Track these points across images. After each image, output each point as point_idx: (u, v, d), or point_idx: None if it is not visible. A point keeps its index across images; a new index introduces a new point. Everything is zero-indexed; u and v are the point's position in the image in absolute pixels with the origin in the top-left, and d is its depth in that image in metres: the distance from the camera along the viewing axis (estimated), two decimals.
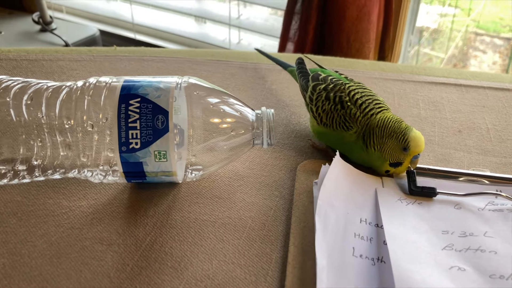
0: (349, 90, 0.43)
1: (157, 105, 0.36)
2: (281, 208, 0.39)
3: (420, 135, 0.40)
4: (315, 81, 0.46)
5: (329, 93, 0.44)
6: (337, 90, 0.43)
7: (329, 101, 0.43)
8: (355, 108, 0.42)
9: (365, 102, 0.42)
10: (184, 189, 0.40)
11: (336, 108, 0.42)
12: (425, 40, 1.81)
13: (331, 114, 0.43)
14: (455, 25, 1.83)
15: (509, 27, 1.81)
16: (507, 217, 0.37)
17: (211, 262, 0.33)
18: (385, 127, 0.40)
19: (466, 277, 0.32)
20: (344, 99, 0.43)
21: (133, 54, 0.64)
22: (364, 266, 0.32)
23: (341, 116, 0.42)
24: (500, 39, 1.80)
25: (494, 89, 0.59)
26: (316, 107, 0.44)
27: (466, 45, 1.81)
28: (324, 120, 0.43)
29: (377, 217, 0.37)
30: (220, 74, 0.60)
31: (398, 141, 0.39)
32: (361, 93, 0.43)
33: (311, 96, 0.45)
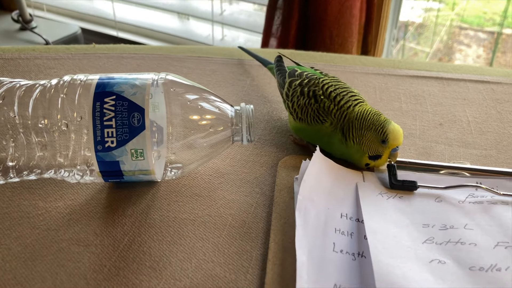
0: (323, 84, 0.43)
1: (133, 102, 0.36)
2: (262, 204, 0.38)
3: (399, 128, 0.40)
4: (291, 77, 0.46)
5: (303, 88, 0.44)
6: (311, 85, 0.43)
7: (304, 96, 0.43)
8: (329, 101, 0.42)
9: (340, 94, 0.42)
10: (163, 187, 0.40)
11: (310, 103, 0.42)
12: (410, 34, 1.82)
13: (305, 109, 0.43)
14: (439, 19, 1.85)
15: (492, 21, 1.83)
16: (487, 209, 0.37)
17: (191, 261, 0.33)
18: (364, 120, 0.40)
19: (446, 270, 0.31)
20: (317, 93, 0.42)
21: (112, 52, 0.63)
22: (345, 261, 0.32)
23: (314, 110, 0.42)
24: (484, 33, 1.82)
25: (475, 81, 0.59)
26: (292, 103, 0.44)
27: (451, 39, 1.82)
28: (300, 115, 0.43)
29: (357, 211, 0.37)
30: (201, 70, 0.59)
31: (377, 133, 0.39)
32: (335, 86, 0.43)
33: (287, 92, 0.45)
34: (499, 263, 0.32)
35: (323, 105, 0.42)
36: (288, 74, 0.47)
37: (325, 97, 0.42)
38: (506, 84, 0.58)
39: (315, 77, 0.44)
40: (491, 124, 0.50)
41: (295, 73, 0.46)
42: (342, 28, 0.93)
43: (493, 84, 0.58)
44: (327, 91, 0.42)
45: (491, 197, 0.38)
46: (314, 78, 0.44)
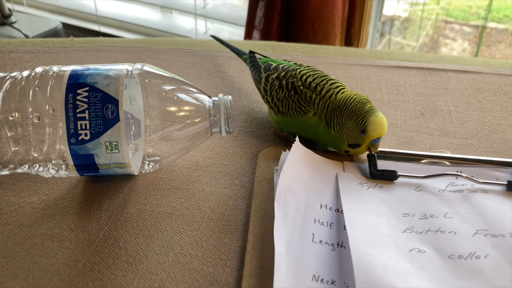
0: (301, 75, 0.42)
1: (107, 93, 0.35)
2: (241, 196, 0.38)
3: (381, 120, 0.39)
4: (267, 71, 0.45)
5: (281, 81, 0.43)
6: (289, 77, 0.43)
7: (283, 89, 0.43)
8: (310, 91, 0.41)
9: (320, 84, 0.41)
10: (141, 181, 0.39)
11: (290, 95, 0.42)
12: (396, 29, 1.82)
13: (286, 102, 0.42)
14: (425, 13, 1.86)
15: (477, 15, 1.84)
16: (467, 198, 0.37)
17: (168, 254, 0.32)
18: (346, 108, 0.39)
19: (425, 259, 0.31)
20: (296, 84, 0.42)
21: (90, 45, 0.62)
22: (324, 251, 0.32)
23: (295, 101, 0.41)
24: (469, 26, 1.83)
25: (456, 71, 0.59)
26: (271, 97, 0.44)
27: (437, 33, 1.83)
28: (281, 109, 0.43)
29: (337, 202, 0.36)
30: (181, 62, 0.59)
31: (357, 123, 0.39)
32: (313, 76, 0.42)
33: (265, 87, 0.45)
34: (478, 251, 0.32)
35: (304, 96, 0.41)
36: (263, 68, 0.46)
37: (305, 88, 0.41)
38: (487, 73, 0.58)
39: (291, 68, 0.44)
40: (472, 113, 0.50)
41: (270, 67, 0.45)
42: (325, 20, 0.92)
43: (474, 73, 0.58)
44: (306, 81, 0.42)
45: (471, 185, 0.38)
46: (290, 70, 0.44)
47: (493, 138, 0.46)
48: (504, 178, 0.39)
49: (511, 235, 0.33)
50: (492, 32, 1.78)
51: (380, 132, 0.39)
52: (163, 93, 0.36)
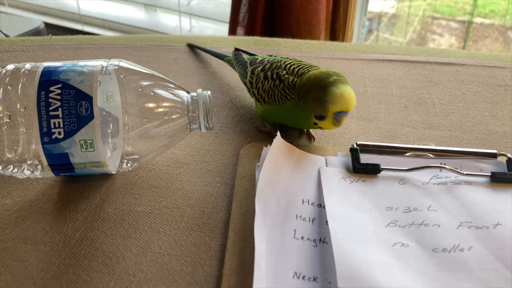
0: (285, 65, 0.42)
1: (80, 90, 0.34)
2: (222, 194, 0.37)
3: (343, 92, 0.36)
4: (253, 65, 0.45)
5: (266, 73, 0.43)
6: (274, 68, 0.43)
7: (268, 80, 0.42)
8: (292, 76, 0.41)
9: (303, 68, 0.41)
10: (119, 180, 0.38)
11: (276, 84, 0.41)
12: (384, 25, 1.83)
13: (271, 92, 0.42)
14: (412, 9, 1.86)
15: (463, 10, 1.85)
16: (451, 190, 0.36)
17: (145, 255, 0.31)
18: (313, 78, 0.39)
19: (409, 252, 0.31)
20: (281, 74, 0.42)
21: (69, 43, 0.61)
22: (305, 248, 0.31)
23: (281, 90, 0.41)
24: (455, 22, 1.84)
25: (440, 64, 0.58)
26: (257, 89, 0.43)
27: (424, 29, 1.84)
28: (267, 99, 0.42)
29: (319, 197, 0.35)
30: (162, 59, 0.57)
31: (318, 93, 0.37)
32: (298, 64, 0.42)
33: (251, 80, 0.44)
34: (462, 243, 0.31)
35: (287, 82, 0.41)
36: (249, 63, 0.46)
37: (288, 74, 0.41)
38: (470, 65, 0.58)
39: (276, 60, 0.44)
40: (456, 105, 0.50)
41: (256, 61, 0.45)
42: (309, 15, 0.91)
43: (458, 66, 0.58)
44: (290, 69, 0.42)
45: (455, 177, 0.38)
46: (276, 61, 0.43)
47: (477, 129, 0.46)
48: (488, 169, 0.39)
49: (495, 226, 0.33)
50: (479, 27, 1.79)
51: (341, 105, 0.36)
52: (139, 89, 0.35)
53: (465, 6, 1.88)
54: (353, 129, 0.45)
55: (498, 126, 0.47)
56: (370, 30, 1.79)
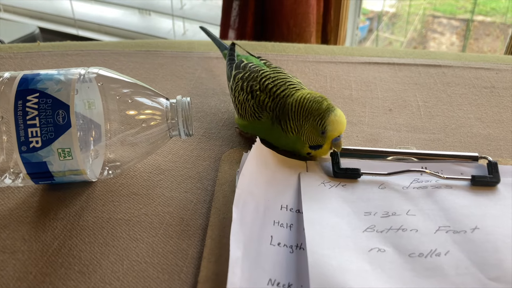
0: (261, 78, 0.41)
1: (57, 99, 0.34)
2: (202, 200, 0.37)
3: (340, 117, 0.37)
4: (236, 69, 0.44)
5: (243, 83, 0.42)
6: (251, 79, 0.42)
7: (243, 92, 0.42)
8: (264, 95, 0.40)
9: (276, 85, 0.40)
10: (100, 187, 0.38)
11: (247, 99, 0.41)
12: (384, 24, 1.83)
13: (244, 105, 0.41)
14: (412, 8, 1.86)
15: (464, 9, 1.85)
16: (431, 194, 0.36)
17: (122, 263, 0.31)
18: (302, 109, 0.38)
19: (385, 258, 0.31)
20: (254, 88, 0.41)
21: (56, 49, 0.61)
22: (282, 254, 0.31)
23: (251, 106, 0.41)
24: (456, 20, 1.84)
25: (427, 66, 0.58)
26: (235, 98, 0.43)
27: (425, 28, 1.83)
28: (240, 111, 0.42)
29: (298, 202, 0.35)
30: (149, 65, 0.58)
31: (316, 124, 0.37)
32: (273, 78, 0.41)
33: (231, 85, 0.44)
34: (439, 248, 0.31)
35: (258, 100, 0.40)
36: (235, 66, 0.45)
37: (261, 92, 0.41)
38: (457, 67, 0.58)
39: (256, 69, 0.43)
40: (441, 107, 0.50)
41: (240, 65, 0.45)
42: (299, 18, 0.91)
43: (445, 67, 0.58)
44: (264, 84, 0.41)
45: (436, 181, 0.38)
46: (255, 71, 0.43)
47: (460, 132, 0.46)
48: (469, 172, 0.39)
49: (472, 230, 0.33)
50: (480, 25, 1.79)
51: (340, 130, 0.38)
52: (117, 96, 0.35)
53: (466, 4, 1.87)
54: None
55: (482, 129, 0.46)
56: (371, 29, 1.79)
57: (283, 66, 0.58)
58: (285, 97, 0.40)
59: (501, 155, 0.43)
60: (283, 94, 0.40)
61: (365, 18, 1.79)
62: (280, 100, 0.40)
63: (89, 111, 0.35)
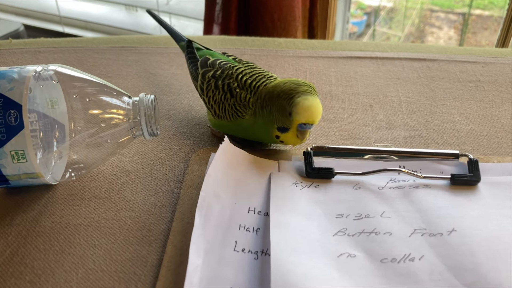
0: (237, 74, 0.39)
1: (9, 98, 0.32)
2: (167, 204, 0.35)
3: (311, 104, 0.34)
4: (204, 67, 0.41)
5: (217, 81, 0.39)
6: (225, 77, 0.39)
7: (219, 90, 0.39)
8: (245, 92, 0.38)
9: (256, 79, 0.38)
10: (61, 191, 0.36)
11: (226, 98, 0.39)
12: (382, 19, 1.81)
13: (222, 105, 0.39)
14: (410, 3, 1.84)
15: (462, 2, 1.83)
16: (407, 194, 0.35)
17: (77, 271, 0.30)
18: (278, 87, 0.36)
19: (355, 264, 0.29)
20: (232, 86, 0.39)
21: (29, 46, 0.59)
22: (245, 261, 0.29)
23: (232, 105, 0.38)
24: (454, 14, 1.82)
25: (411, 59, 0.57)
26: (208, 98, 0.40)
27: (422, 22, 1.82)
28: (218, 112, 0.39)
29: (267, 205, 0.34)
30: (122, 61, 0.56)
31: (285, 102, 0.35)
32: (250, 74, 0.39)
33: (201, 85, 0.41)
34: (413, 252, 0.30)
35: (239, 98, 0.38)
36: (200, 63, 0.42)
37: (240, 89, 0.38)
38: (442, 60, 0.56)
39: (228, 66, 0.40)
40: (424, 103, 0.48)
41: (207, 62, 0.41)
42: (284, 11, 0.89)
43: (429, 61, 0.56)
44: (241, 80, 0.39)
45: (413, 180, 0.36)
46: (227, 68, 0.40)
47: (443, 128, 0.44)
48: (448, 171, 0.37)
49: (449, 233, 0.31)
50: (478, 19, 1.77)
51: (307, 116, 0.34)
52: (74, 95, 0.34)
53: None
54: (313, 131, 0.43)
55: (465, 125, 0.45)
56: (368, 24, 1.77)
57: (263, 61, 0.56)
58: (267, 84, 0.37)
59: (484, 152, 0.41)
60: (265, 83, 0.38)
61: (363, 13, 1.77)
62: (261, 88, 0.37)
63: (52, 110, 0.34)
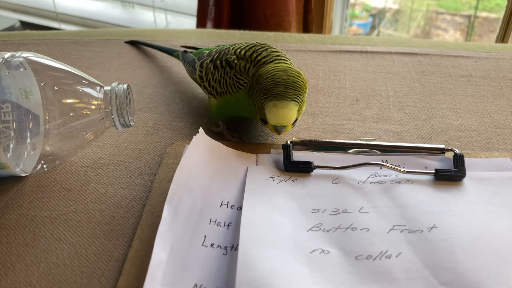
0: (235, 49, 0.39)
1: None
2: (139, 197, 0.34)
3: (279, 111, 0.34)
4: (201, 59, 0.42)
5: (215, 62, 0.40)
6: (222, 55, 0.40)
7: (218, 69, 0.39)
8: (244, 61, 0.38)
9: (257, 51, 0.38)
10: (31, 183, 0.35)
11: (226, 71, 0.38)
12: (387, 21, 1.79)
13: (223, 80, 0.39)
14: (415, 5, 1.82)
15: (469, 5, 1.81)
16: (388, 190, 0.33)
17: (39, 265, 0.28)
18: (261, 79, 0.35)
19: (327, 261, 0.28)
20: (230, 59, 0.39)
21: (13, 38, 0.58)
22: (214, 256, 0.28)
23: (232, 77, 0.38)
24: (460, 17, 1.81)
25: (401, 54, 0.55)
26: (208, 82, 0.40)
27: (428, 24, 1.80)
28: (219, 90, 0.39)
29: (241, 199, 0.32)
30: (106, 53, 0.54)
31: (260, 101, 0.35)
32: (249, 47, 0.39)
33: (200, 74, 0.41)
34: (390, 249, 0.28)
35: (239, 68, 0.38)
36: (197, 58, 0.43)
37: (238, 60, 0.38)
38: (434, 55, 0.55)
39: (224, 48, 0.41)
40: (412, 97, 0.47)
41: (204, 55, 0.42)
42: (277, 7, 0.88)
43: (421, 55, 0.55)
44: (240, 53, 0.39)
45: (396, 175, 0.35)
46: (224, 49, 0.41)
47: (431, 123, 0.43)
48: (433, 166, 0.36)
49: (430, 230, 0.30)
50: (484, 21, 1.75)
51: (276, 121, 0.35)
52: (41, 83, 0.32)
53: (470, 1, 1.83)
54: (296, 125, 0.42)
55: (454, 119, 0.43)
56: (374, 26, 1.76)
57: None
58: (266, 63, 0.37)
59: (472, 147, 0.40)
60: (265, 60, 0.37)
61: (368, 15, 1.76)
62: (259, 65, 0.37)
63: (26, 100, 0.32)
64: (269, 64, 0.37)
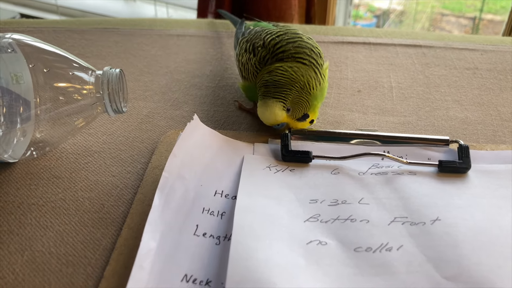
0: (266, 34, 0.38)
1: None
2: (130, 186, 0.32)
3: (265, 112, 0.34)
4: (243, 36, 0.41)
5: (247, 44, 0.39)
6: (254, 38, 0.38)
7: (246, 52, 0.38)
8: (266, 50, 0.37)
9: (283, 40, 0.36)
10: (19, 169, 0.34)
11: (250, 58, 0.38)
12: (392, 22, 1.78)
13: (247, 66, 0.38)
14: (420, 6, 1.81)
15: (473, 7, 1.80)
16: (390, 181, 0.32)
17: (23, 253, 0.27)
18: (264, 72, 0.35)
19: (325, 252, 0.26)
20: (256, 45, 0.37)
21: (8, 26, 0.57)
22: (205, 246, 0.27)
23: (253, 64, 0.37)
24: (465, 18, 1.79)
25: (405, 46, 0.54)
26: (239, 62, 0.40)
27: (433, 25, 1.79)
28: (244, 74, 0.39)
29: (236, 188, 0.31)
30: (103, 42, 0.53)
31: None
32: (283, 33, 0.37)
33: (237, 52, 0.41)
34: (391, 242, 0.27)
35: (259, 56, 0.37)
36: (242, 33, 0.42)
37: (262, 48, 0.37)
38: (439, 47, 0.53)
39: (263, 30, 0.39)
40: (416, 89, 0.45)
41: (247, 31, 0.41)
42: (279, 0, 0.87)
43: (425, 48, 0.53)
44: (267, 40, 0.37)
45: (398, 167, 0.33)
46: (261, 30, 0.39)
47: (435, 115, 0.41)
48: (437, 157, 0.34)
49: (432, 222, 0.28)
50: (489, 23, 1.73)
51: (264, 121, 0.35)
52: (30, 65, 0.31)
53: (475, 3, 1.82)
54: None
55: (459, 112, 0.42)
56: (378, 27, 1.75)
57: None
58: (282, 60, 0.36)
59: (477, 140, 0.38)
60: (282, 56, 0.36)
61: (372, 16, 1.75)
62: (276, 61, 0.36)
63: (17, 86, 0.31)
64: (279, 63, 0.35)
